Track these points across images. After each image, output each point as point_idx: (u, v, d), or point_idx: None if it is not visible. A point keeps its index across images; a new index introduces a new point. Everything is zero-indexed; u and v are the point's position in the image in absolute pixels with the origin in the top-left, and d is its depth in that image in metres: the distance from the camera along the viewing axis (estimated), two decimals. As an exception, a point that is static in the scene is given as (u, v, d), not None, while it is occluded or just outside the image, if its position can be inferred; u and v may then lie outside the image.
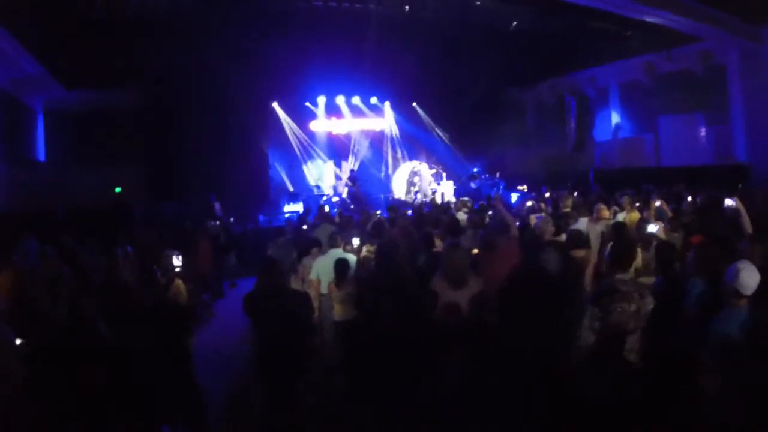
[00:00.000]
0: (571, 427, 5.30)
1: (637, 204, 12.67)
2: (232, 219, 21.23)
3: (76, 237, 12.37)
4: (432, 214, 14.17)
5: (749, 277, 4.81)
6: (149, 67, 21.37)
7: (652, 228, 8.88)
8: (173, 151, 23.06)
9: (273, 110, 26.64)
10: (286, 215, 22.55)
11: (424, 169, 27.31)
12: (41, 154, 23.64)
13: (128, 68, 21.30)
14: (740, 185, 15.69)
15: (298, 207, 24.33)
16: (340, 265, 8.66)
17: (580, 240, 8.18)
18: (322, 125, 27.90)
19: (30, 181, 21.20)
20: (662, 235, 8.78)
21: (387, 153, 29.09)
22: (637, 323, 5.15)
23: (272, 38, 20.93)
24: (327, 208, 18.42)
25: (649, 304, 5.22)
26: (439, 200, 22.13)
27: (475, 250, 8.65)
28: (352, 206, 22.50)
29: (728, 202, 9.59)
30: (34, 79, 21.00)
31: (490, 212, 13.43)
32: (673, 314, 5.81)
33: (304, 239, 12.00)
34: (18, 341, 5.43)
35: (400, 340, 6.91)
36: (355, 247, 9.96)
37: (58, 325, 6.18)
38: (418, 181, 26.68)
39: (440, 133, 28.79)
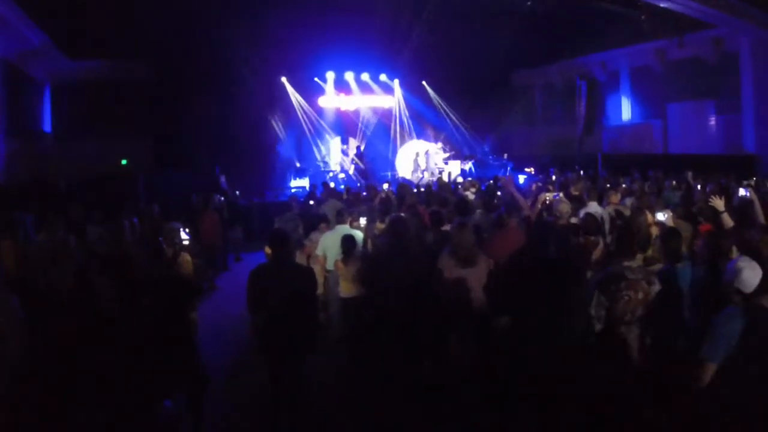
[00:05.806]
0: (571, 412, 5.32)
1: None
2: (238, 192, 21.19)
3: (81, 209, 12.37)
4: (440, 193, 14.10)
5: (752, 276, 4.67)
6: (156, 39, 21.18)
7: (661, 216, 8.81)
8: (180, 123, 22.86)
9: (282, 85, 26.51)
10: (293, 190, 22.56)
11: (432, 149, 27.16)
12: (47, 126, 23.59)
13: (135, 39, 21.20)
14: (755, 177, 15.60)
15: (305, 182, 24.32)
16: (347, 241, 8.62)
17: (595, 225, 8.13)
18: (330, 101, 27.79)
19: (35, 154, 21.19)
20: (671, 224, 8.71)
21: (395, 131, 28.96)
22: (644, 310, 5.15)
23: (282, 12, 20.80)
24: (333, 184, 18.36)
25: (656, 290, 5.20)
26: (446, 180, 22.06)
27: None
28: (359, 183, 22.45)
29: (741, 192, 9.53)
30: (39, 50, 20.86)
31: (499, 193, 13.41)
32: (675, 304, 5.74)
33: (312, 214, 11.98)
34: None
35: (406, 316, 6.90)
36: (362, 225, 9.91)
37: (62, 297, 6.15)
38: (425, 159, 26.56)
39: (448, 112, 28.63)
